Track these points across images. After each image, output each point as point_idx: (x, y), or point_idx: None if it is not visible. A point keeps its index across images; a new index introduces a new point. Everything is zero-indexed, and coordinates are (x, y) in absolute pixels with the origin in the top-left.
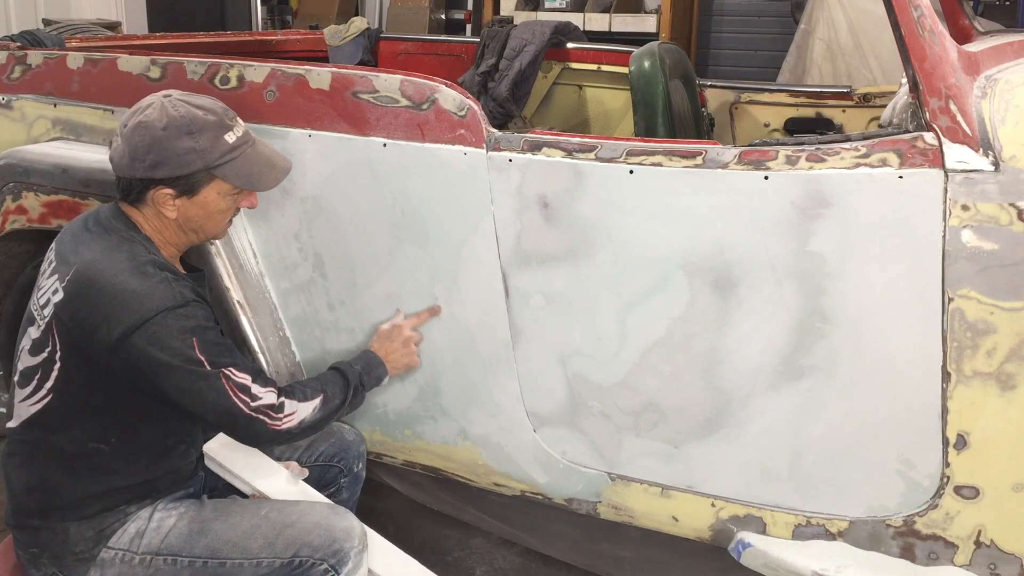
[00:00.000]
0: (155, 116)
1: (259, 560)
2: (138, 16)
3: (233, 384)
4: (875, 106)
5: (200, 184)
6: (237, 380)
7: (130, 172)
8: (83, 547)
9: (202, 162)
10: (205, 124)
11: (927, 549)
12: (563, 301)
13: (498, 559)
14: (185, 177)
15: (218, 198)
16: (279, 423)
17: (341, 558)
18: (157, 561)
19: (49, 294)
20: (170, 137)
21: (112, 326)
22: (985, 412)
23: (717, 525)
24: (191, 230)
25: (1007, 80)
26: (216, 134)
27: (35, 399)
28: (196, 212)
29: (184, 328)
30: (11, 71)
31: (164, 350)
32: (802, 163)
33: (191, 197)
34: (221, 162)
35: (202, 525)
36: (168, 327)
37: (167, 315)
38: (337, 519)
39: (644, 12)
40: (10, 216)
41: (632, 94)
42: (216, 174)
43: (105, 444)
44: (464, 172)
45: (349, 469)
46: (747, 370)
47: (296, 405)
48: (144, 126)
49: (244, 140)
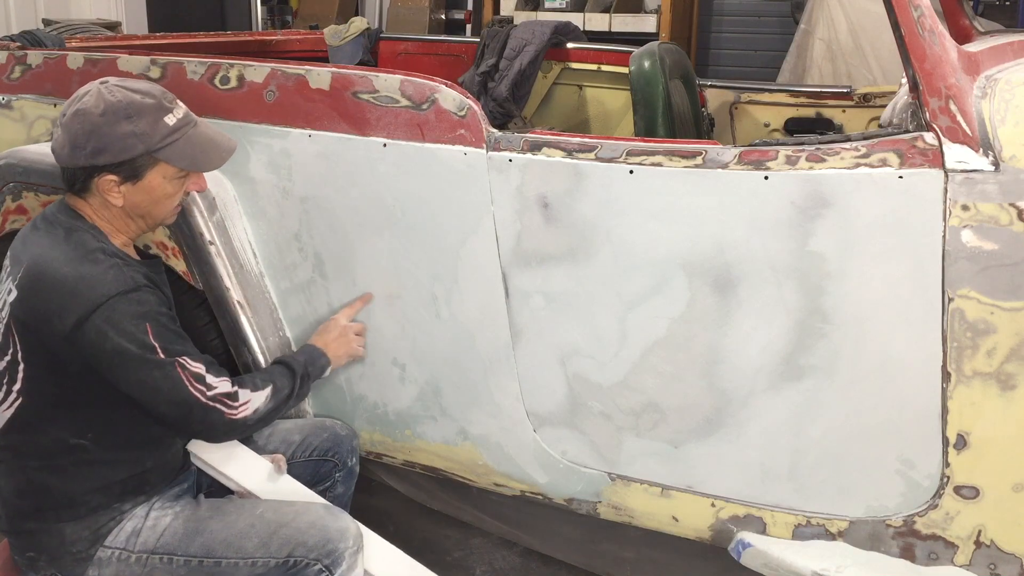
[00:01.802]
0: (92, 103)
1: (254, 560)
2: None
3: (189, 373)
4: (875, 106)
5: (144, 168)
6: (192, 369)
7: (72, 161)
8: (80, 547)
9: (143, 146)
10: (143, 107)
11: (927, 549)
12: (563, 301)
13: (498, 559)
14: (128, 162)
15: (164, 182)
16: (235, 411)
17: (336, 558)
18: (153, 560)
19: (4, 295)
20: (109, 123)
21: (65, 315)
22: (985, 412)
23: (717, 525)
24: (138, 216)
25: (1007, 80)
26: (155, 117)
27: (7, 404)
28: (142, 198)
29: (137, 313)
30: (11, 71)
31: (118, 335)
32: (802, 163)
33: (135, 183)
34: (163, 144)
35: (198, 524)
36: (120, 312)
37: (119, 300)
38: (332, 519)
39: (644, 12)
40: (10, 216)
41: (632, 94)
42: (159, 157)
43: (85, 439)
44: (464, 172)
45: (344, 463)
46: (747, 370)
47: (250, 394)
48: (82, 114)
49: (185, 122)
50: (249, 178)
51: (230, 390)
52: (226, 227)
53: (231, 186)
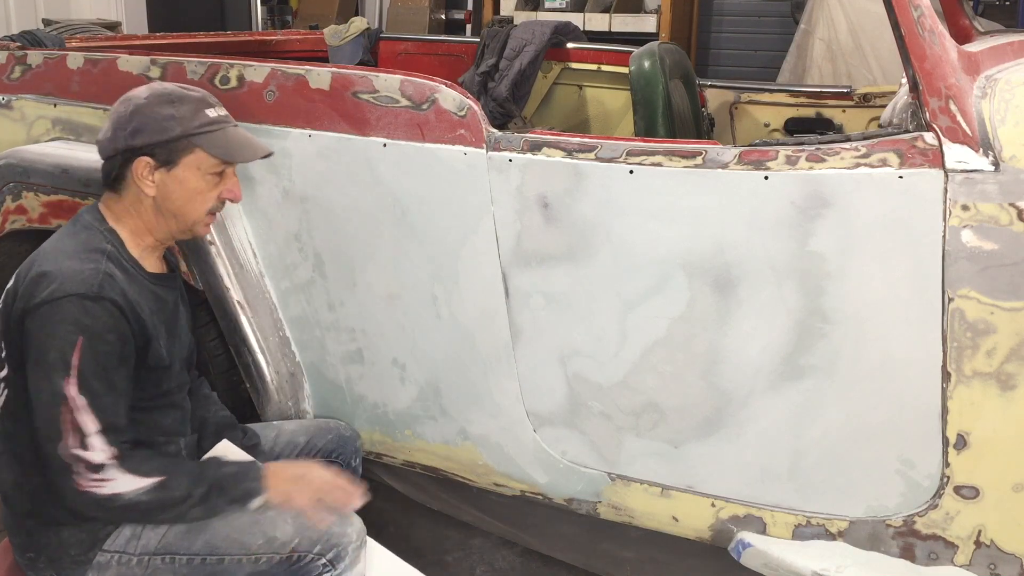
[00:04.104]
0: (139, 91)
1: (257, 556)
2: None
3: (75, 421)
4: (875, 106)
5: (179, 153)
6: (81, 421)
7: (112, 145)
8: (78, 550)
9: (181, 128)
10: (187, 97)
11: (927, 549)
12: (563, 301)
13: (498, 559)
14: (164, 143)
15: (197, 174)
16: (86, 482)
17: (339, 553)
18: (155, 561)
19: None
20: (151, 104)
21: (25, 299)
22: (985, 412)
23: (717, 525)
24: (170, 213)
25: (1007, 80)
26: (197, 107)
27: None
28: (175, 188)
29: (77, 322)
30: (11, 71)
31: (47, 334)
32: (802, 163)
33: (170, 170)
34: (200, 131)
35: (200, 523)
36: (63, 312)
37: (71, 300)
38: (335, 515)
39: (644, 12)
40: (10, 216)
41: (632, 94)
42: (195, 143)
43: None
44: (464, 172)
45: (347, 464)
46: (747, 370)
47: (121, 475)
48: (128, 99)
49: (224, 120)
50: (249, 178)
51: (97, 461)
52: (226, 227)
53: None
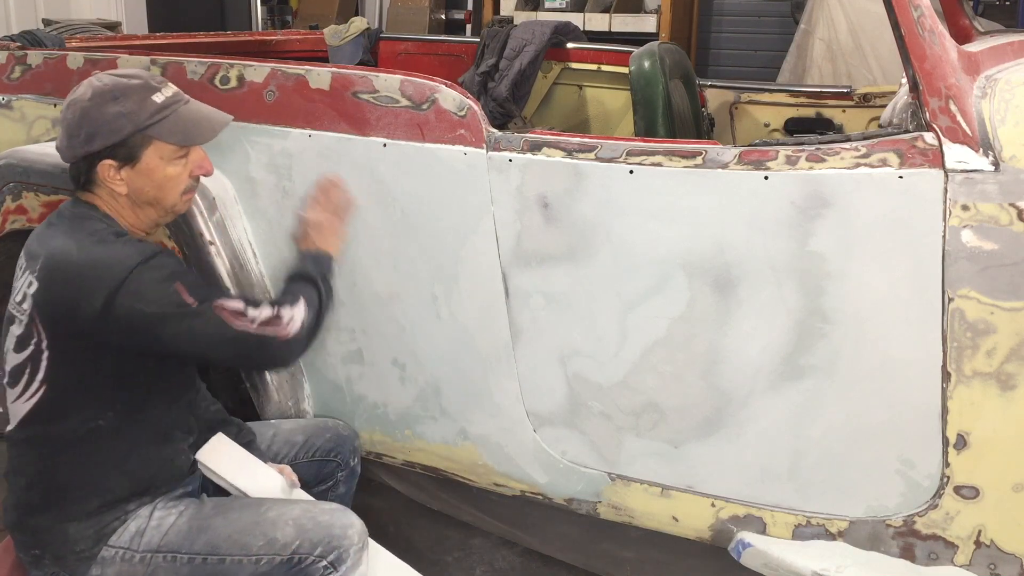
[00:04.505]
0: (81, 92)
1: (259, 557)
2: (138, 16)
3: (228, 312)
4: (875, 106)
5: (138, 149)
6: (231, 307)
7: (71, 153)
8: (84, 546)
9: (132, 124)
10: (129, 88)
11: (927, 549)
12: (563, 301)
13: (498, 559)
14: (120, 144)
15: (162, 163)
16: (286, 330)
17: (340, 555)
18: (157, 559)
19: (24, 289)
20: (96, 106)
21: (93, 296)
22: (985, 412)
23: (717, 525)
24: (146, 203)
25: (1007, 80)
26: (142, 96)
27: (28, 394)
28: (144, 182)
29: (162, 277)
30: (11, 71)
31: (151, 303)
32: (802, 163)
33: (134, 166)
34: (151, 122)
35: (202, 522)
36: (147, 279)
37: (142, 268)
38: (337, 516)
39: (644, 12)
40: (10, 216)
41: (632, 94)
42: (150, 134)
43: (105, 419)
44: (464, 172)
45: (346, 463)
46: (747, 370)
47: (290, 310)
48: (73, 103)
49: (175, 100)
50: (249, 178)
51: (272, 313)
52: (226, 227)
53: (231, 186)
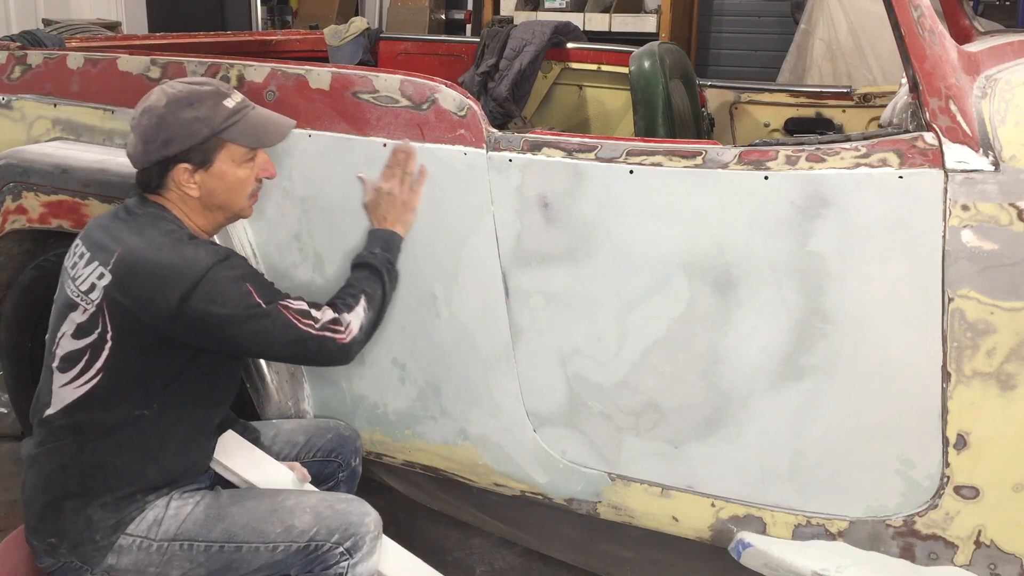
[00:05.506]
0: (155, 99)
1: (275, 544)
2: (138, 16)
3: (294, 313)
4: (875, 106)
5: (212, 152)
6: (296, 308)
7: (146, 158)
8: (102, 534)
9: (208, 128)
10: (202, 94)
11: (927, 549)
12: (563, 301)
13: (498, 559)
14: (196, 147)
15: (233, 166)
16: (344, 335)
17: (356, 542)
18: (173, 547)
19: (93, 279)
20: (172, 112)
21: (169, 294)
22: (985, 412)
23: (717, 525)
24: (216, 207)
25: (1007, 80)
26: (215, 101)
27: (81, 381)
28: (216, 184)
29: (235, 277)
30: (11, 71)
31: (224, 303)
32: (802, 163)
33: (208, 169)
34: (226, 125)
35: (219, 511)
36: (220, 280)
37: (217, 269)
38: (355, 505)
39: (644, 12)
40: (10, 216)
41: (632, 94)
42: (224, 138)
43: (149, 409)
44: (464, 172)
45: (347, 463)
46: (747, 370)
47: (347, 316)
48: (148, 110)
49: (243, 105)
50: None
51: (333, 316)
52: (226, 228)
53: None
